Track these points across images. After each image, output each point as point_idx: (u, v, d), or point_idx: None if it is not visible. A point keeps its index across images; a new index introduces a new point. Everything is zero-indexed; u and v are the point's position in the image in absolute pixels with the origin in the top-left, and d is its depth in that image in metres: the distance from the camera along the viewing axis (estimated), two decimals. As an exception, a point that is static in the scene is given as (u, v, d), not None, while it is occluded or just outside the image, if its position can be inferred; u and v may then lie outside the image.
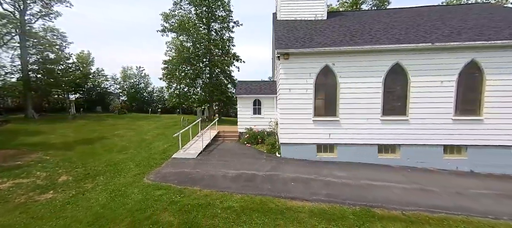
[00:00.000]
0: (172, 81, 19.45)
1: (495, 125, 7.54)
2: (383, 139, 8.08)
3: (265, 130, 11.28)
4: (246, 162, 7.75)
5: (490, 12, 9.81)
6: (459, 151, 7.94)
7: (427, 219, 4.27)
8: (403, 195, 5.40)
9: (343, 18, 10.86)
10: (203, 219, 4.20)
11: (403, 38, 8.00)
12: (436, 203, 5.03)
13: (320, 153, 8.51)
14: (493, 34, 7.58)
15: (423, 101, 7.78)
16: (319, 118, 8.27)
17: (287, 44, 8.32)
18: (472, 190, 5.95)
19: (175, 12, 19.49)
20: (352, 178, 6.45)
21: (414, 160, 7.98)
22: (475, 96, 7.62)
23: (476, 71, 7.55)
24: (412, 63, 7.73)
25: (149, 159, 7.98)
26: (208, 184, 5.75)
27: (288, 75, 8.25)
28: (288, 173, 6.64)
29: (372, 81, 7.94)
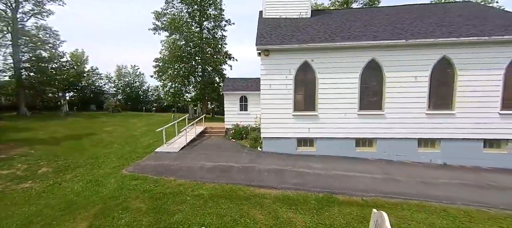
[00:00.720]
0: (163, 79, 19.56)
1: (466, 119, 7.82)
2: (360, 133, 8.34)
3: (250, 125, 11.50)
4: (227, 155, 7.95)
5: (469, 10, 10.10)
6: (433, 144, 8.22)
7: (383, 204, 4.51)
8: (369, 184, 5.65)
9: (326, 16, 11.10)
10: (172, 205, 4.40)
11: (379, 35, 8.25)
12: (398, 190, 5.28)
13: (301, 147, 8.75)
14: (464, 31, 7.86)
15: (398, 96, 8.03)
16: (299, 113, 8.50)
17: (267, 40, 8.53)
18: (439, 179, 6.21)
19: (167, 10, 19.66)
20: (325, 169, 6.69)
21: (391, 153, 8.25)
22: (448, 91, 7.90)
23: (448, 67, 7.83)
24: (387, 59, 7.99)
25: (132, 153, 8.15)
26: (184, 175, 5.94)
27: (269, 71, 8.46)
28: (264, 165, 6.87)
29: (349, 77, 8.18)
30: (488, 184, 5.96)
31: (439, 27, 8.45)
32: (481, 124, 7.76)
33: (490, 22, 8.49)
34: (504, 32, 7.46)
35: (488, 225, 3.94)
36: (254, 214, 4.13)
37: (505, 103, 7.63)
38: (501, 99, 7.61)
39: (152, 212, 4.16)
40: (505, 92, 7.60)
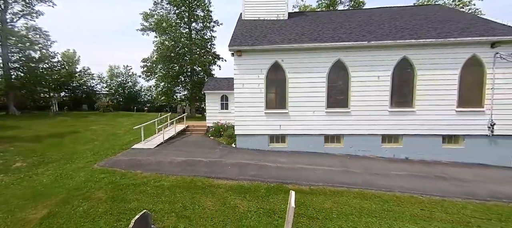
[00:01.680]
0: (150, 79, 19.82)
1: (425, 116, 8.30)
2: (328, 129, 8.77)
3: (230, 123, 11.87)
4: (200, 151, 8.31)
5: (436, 13, 10.61)
6: (396, 140, 8.69)
7: (326, 191, 4.93)
8: (324, 175, 6.06)
9: (302, 18, 11.53)
10: (130, 195, 4.75)
11: (345, 37, 8.70)
12: (347, 181, 5.70)
13: (273, 144, 9.14)
14: (424, 33, 8.34)
15: (363, 95, 8.48)
16: (271, 111, 8.90)
17: (240, 42, 8.91)
18: (392, 171, 6.66)
19: (155, 11, 19.93)
20: (288, 163, 7.09)
21: (356, 149, 8.70)
22: (408, 89, 8.37)
23: (408, 67, 8.30)
24: (352, 60, 8.43)
25: (109, 149, 8.46)
26: (152, 169, 6.29)
27: (241, 71, 8.84)
28: (231, 159, 7.25)
29: (317, 76, 8.61)
30: (435, 176, 6.42)
31: (403, 30, 8.93)
32: (440, 120, 8.24)
33: (451, 25, 9.02)
34: (458, 34, 7.96)
35: (411, 207, 4.38)
36: (204, 201, 4.51)
37: (461, 101, 8.14)
38: (457, 97, 8.12)
39: (111, 201, 4.51)
40: (460, 91, 8.11)
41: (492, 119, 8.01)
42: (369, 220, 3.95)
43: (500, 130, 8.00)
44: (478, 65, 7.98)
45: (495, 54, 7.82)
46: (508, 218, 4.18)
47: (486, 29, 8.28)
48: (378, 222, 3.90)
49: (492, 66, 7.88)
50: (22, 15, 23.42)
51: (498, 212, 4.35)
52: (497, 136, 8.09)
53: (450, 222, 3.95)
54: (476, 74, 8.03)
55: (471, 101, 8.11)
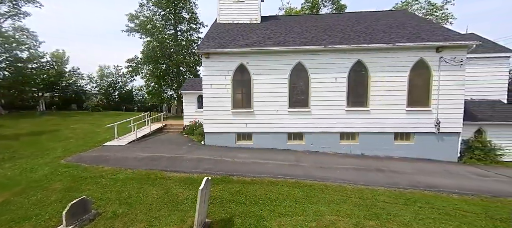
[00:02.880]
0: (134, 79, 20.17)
1: (379, 115, 8.93)
2: (291, 128, 9.34)
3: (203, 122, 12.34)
4: (168, 148, 8.80)
5: (397, 19, 11.26)
6: (353, 137, 9.30)
7: (265, 181, 5.49)
8: (272, 168, 6.60)
9: (274, 22, 12.10)
10: (84, 186, 5.21)
11: (306, 41, 9.28)
12: (290, 172, 6.26)
13: (240, 141, 9.67)
14: (377, 38, 8.98)
15: (322, 95, 9.07)
16: (237, 110, 9.42)
17: (208, 45, 9.42)
18: (339, 165, 7.26)
19: (141, 13, 20.27)
20: (247, 158, 7.63)
21: (317, 146, 9.29)
22: (363, 90, 8.99)
23: (362, 70, 8.92)
24: (311, 62, 9.02)
25: (82, 146, 8.87)
26: (115, 163, 6.75)
27: (209, 73, 9.35)
28: (194, 155, 7.75)
29: (280, 78, 9.17)
30: (376, 169, 7.04)
31: (360, 35, 9.54)
32: (391, 119, 8.88)
33: (405, 30, 9.67)
34: (407, 40, 8.62)
35: (333, 194, 4.96)
36: (151, 190, 5.00)
37: (410, 101, 8.78)
38: (407, 98, 8.77)
39: (64, 191, 4.97)
40: (410, 92, 8.76)
41: (438, 118, 8.70)
42: (289, 203, 4.50)
43: (445, 128, 8.69)
44: (425, 68, 8.65)
45: (440, 58, 8.51)
46: (412, 202, 4.79)
47: (433, 34, 8.96)
48: (296, 205, 4.45)
49: (437, 69, 8.56)
50: (9, 16, 23.60)
51: (407, 198, 4.96)
52: (443, 133, 8.77)
53: (358, 205, 4.54)
54: (423, 76, 8.70)
55: (419, 101, 8.78)
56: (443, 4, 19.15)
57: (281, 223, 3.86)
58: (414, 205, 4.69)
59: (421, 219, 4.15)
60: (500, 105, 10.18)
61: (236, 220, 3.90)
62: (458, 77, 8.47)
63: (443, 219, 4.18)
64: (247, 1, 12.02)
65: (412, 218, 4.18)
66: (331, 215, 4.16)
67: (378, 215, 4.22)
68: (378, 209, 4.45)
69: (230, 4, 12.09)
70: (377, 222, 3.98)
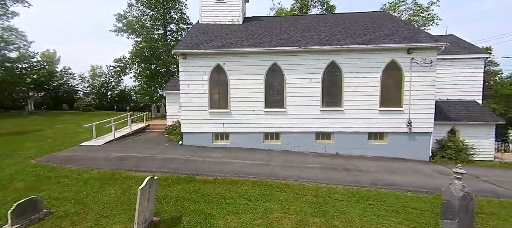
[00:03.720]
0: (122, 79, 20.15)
1: (353, 115, 9.08)
2: (267, 127, 9.44)
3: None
4: (144, 148, 8.85)
5: (375, 20, 11.40)
6: (328, 136, 9.44)
7: (226, 180, 5.59)
8: (240, 168, 6.70)
9: (255, 23, 12.19)
10: (46, 185, 5.26)
11: (281, 42, 9.40)
12: (256, 172, 6.36)
13: (217, 141, 9.76)
14: (350, 39, 9.12)
15: (297, 95, 9.19)
16: (214, 110, 9.51)
17: (185, 45, 9.50)
18: (308, 164, 7.39)
19: (129, 13, 20.26)
20: (219, 158, 7.71)
21: (293, 145, 9.41)
22: (337, 91, 9.13)
23: (336, 70, 9.06)
24: (286, 63, 9.13)
25: (57, 146, 8.88)
26: (84, 163, 6.79)
27: (186, 73, 9.42)
28: (166, 155, 7.82)
29: (256, 78, 9.27)
30: (344, 168, 7.16)
31: (336, 36, 9.68)
32: (365, 119, 9.04)
33: (380, 31, 9.82)
34: (379, 41, 8.77)
35: (290, 192, 5.07)
36: (110, 190, 5.07)
37: (383, 101, 8.94)
38: (380, 98, 8.93)
39: (25, 190, 5.01)
40: (382, 92, 8.92)
41: (410, 118, 8.86)
42: (243, 202, 4.61)
43: (417, 128, 8.86)
44: (397, 69, 8.81)
45: (411, 59, 8.67)
46: (365, 199, 4.91)
47: (406, 36, 9.12)
48: (249, 203, 4.56)
49: (409, 70, 8.72)
50: (-4, 16, 23.42)
51: (362, 195, 5.09)
52: (415, 133, 8.95)
53: (310, 202, 4.66)
54: (395, 77, 8.86)
55: (392, 102, 8.93)
56: (429, 6, 19.48)
57: (228, 221, 3.96)
58: (365, 202, 4.83)
59: (367, 215, 4.28)
60: (474, 105, 10.39)
61: (184, 218, 3.99)
62: (429, 78, 8.65)
63: (388, 215, 4.32)
64: (229, 2, 12.11)
65: (359, 214, 4.31)
66: (279, 212, 4.27)
67: (326, 212, 4.34)
68: (328, 207, 4.57)
69: (211, 5, 12.15)
70: (322, 219, 4.10)
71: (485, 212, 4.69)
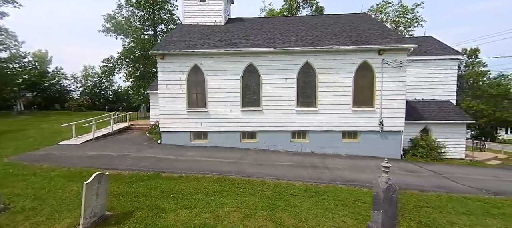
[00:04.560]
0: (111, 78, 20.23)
1: (327, 114, 9.30)
2: (244, 127, 9.63)
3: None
4: (121, 147, 8.97)
5: (353, 22, 11.64)
6: (304, 135, 9.65)
7: (190, 178, 5.74)
8: (208, 166, 6.86)
9: (237, 24, 12.38)
10: (12, 182, 5.36)
11: (257, 43, 9.59)
12: (223, 169, 6.53)
13: (195, 140, 9.92)
14: (324, 41, 9.34)
15: (273, 95, 9.40)
16: (192, 110, 9.67)
17: (163, 46, 9.65)
18: (278, 162, 7.58)
19: (119, 14, 20.37)
20: (192, 156, 7.85)
21: (269, 144, 9.60)
22: (311, 91, 9.35)
23: (310, 71, 9.28)
24: (262, 64, 9.33)
25: (35, 145, 8.97)
26: (56, 162, 6.90)
27: (165, 73, 9.58)
28: (141, 154, 7.95)
29: (232, 78, 9.46)
30: (313, 166, 7.37)
31: (313, 37, 9.91)
32: (339, 118, 9.26)
33: (356, 33, 10.05)
34: (351, 43, 9.00)
35: (249, 188, 5.26)
36: (72, 187, 5.19)
37: (356, 101, 9.18)
38: (352, 98, 9.17)
39: (-11, 187, 5.14)
40: (355, 92, 9.16)
41: (381, 117, 9.10)
42: (199, 197, 4.78)
43: (388, 127, 9.10)
44: (369, 70, 9.05)
45: (382, 60, 8.91)
46: (320, 194, 5.10)
47: (378, 38, 9.36)
48: (205, 198, 4.72)
49: (380, 71, 8.97)
50: (-15, 17, 23.37)
51: (318, 191, 5.29)
52: (387, 132, 9.19)
53: (266, 197, 4.83)
54: (367, 78, 9.10)
55: (364, 101, 9.18)
56: (414, 8, 19.86)
57: (178, 215, 4.12)
58: (319, 197, 5.02)
59: (315, 209, 4.47)
60: (448, 105, 10.68)
61: (137, 213, 4.14)
62: (399, 78, 8.90)
63: (335, 209, 4.51)
64: (211, 4, 12.29)
65: (308, 208, 4.49)
66: (231, 206, 4.44)
67: (276, 206, 4.52)
68: (281, 201, 4.76)
69: (194, 6, 12.32)
70: (270, 212, 4.27)
71: (431, 205, 4.93)
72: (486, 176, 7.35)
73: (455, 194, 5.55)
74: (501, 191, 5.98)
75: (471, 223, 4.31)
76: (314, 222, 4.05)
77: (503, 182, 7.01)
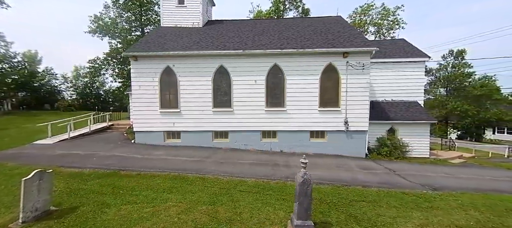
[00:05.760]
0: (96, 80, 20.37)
1: (295, 115, 9.62)
2: (216, 126, 9.91)
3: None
4: (94, 146, 9.17)
5: (326, 24, 11.98)
6: (274, 135, 9.95)
7: (147, 175, 6.00)
8: (171, 164, 7.11)
9: (216, 27, 12.65)
10: (-28, 179, 5.61)
11: (228, 45, 9.88)
12: (184, 167, 6.80)
13: (169, 139, 10.17)
14: (292, 44, 9.66)
15: (243, 96, 9.69)
16: (165, 110, 9.92)
17: (136, 48, 9.90)
18: (242, 161, 7.86)
19: (105, 15, 20.51)
20: (160, 155, 8.11)
21: (240, 143, 9.89)
22: (280, 92, 9.66)
23: (279, 73, 9.59)
24: (232, 66, 9.62)
25: (10, 144, 9.15)
26: (24, 161, 7.09)
27: (138, 74, 9.81)
28: (110, 153, 8.17)
29: (204, 79, 9.73)
30: (274, 164, 7.66)
31: (285, 39, 10.23)
32: (306, 118, 9.59)
33: (326, 36, 10.39)
34: (316, 46, 9.33)
35: (199, 184, 5.54)
36: (30, 183, 5.44)
37: (322, 102, 9.52)
38: (319, 99, 9.50)
39: None
40: (321, 93, 9.49)
41: (347, 117, 9.44)
42: (147, 193, 5.04)
43: (353, 127, 9.45)
44: (334, 72, 9.39)
45: (346, 63, 9.25)
46: (265, 190, 5.40)
47: (344, 41, 9.70)
48: (152, 195, 4.98)
49: (345, 73, 9.31)
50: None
51: (265, 187, 5.57)
52: (352, 132, 9.53)
53: (212, 193, 5.11)
54: (333, 79, 9.44)
55: (330, 102, 9.51)
56: (395, 10, 20.33)
57: (120, 210, 4.38)
58: (264, 193, 5.31)
59: (254, 203, 4.75)
60: (415, 105, 11.06)
61: (82, 208, 4.38)
62: (363, 80, 9.25)
63: (274, 203, 4.78)
64: (189, 7, 12.55)
65: (248, 203, 4.77)
66: (174, 202, 4.71)
67: (218, 201, 4.80)
68: (225, 197, 5.03)
69: (173, 9, 12.57)
70: (210, 207, 4.55)
71: (367, 200, 5.24)
72: (437, 173, 7.71)
73: (395, 189, 5.89)
74: (443, 187, 6.34)
75: (397, 215, 4.64)
76: (248, 215, 4.33)
77: (450, 179, 7.36)
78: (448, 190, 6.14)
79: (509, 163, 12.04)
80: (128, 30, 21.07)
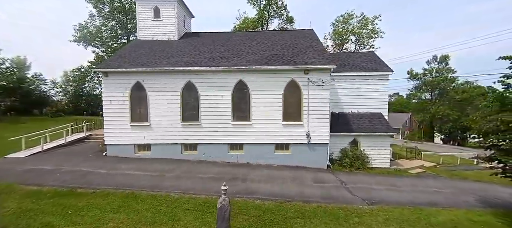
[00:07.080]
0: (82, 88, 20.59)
1: (260, 128, 10.02)
2: (185, 139, 10.27)
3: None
4: (63, 160, 9.43)
5: (296, 38, 12.43)
6: (241, 147, 10.33)
7: (103, 194, 6.32)
8: (133, 180, 7.47)
9: (190, 40, 13.02)
10: None
11: (196, 61, 10.26)
12: (139, 184, 7.14)
13: (140, 151, 10.48)
14: (258, 61, 10.06)
15: (210, 110, 10.06)
16: (136, 124, 10.24)
17: (107, 64, 10.23)
18: (202, 174, 8.23)
19: (91, 23, 20.74)
20: (124, 170, 8.41)
21: (209, 155, 10.25)
22: (246, 106, 10.06)
23: (244, 88, 9.99)
24: (200, 81, 10.00)
25: (-20, 159, 9.42)
26: (-11, 177, 7.40)
27: (109, 89, 10.13)
28: (76, 168, 8.43)
29: (173, 94, 10.09)
30: (233, 177, 8.02)
31: (252, 55, 10.63)
32: (271, 131, 9.99)
33: (292, 52, 10.82)
34: (279, 63, 9.75)
35: (148, 202, 5.90)
36: (-14, 203, 5.73)
37: (286, 116, 9.93)
38: (282, 113, 9.91)
39: None
40: (285, 108, 9.90)
41: (309, 131, 9.86)
42: (94, 213, 5.37)
43: (314, 139, 9.87)
44: (296, 87, 9.82)
45: (308, 79, 9.69)
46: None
47: (306, 58, 10.12)
48: (97, 214, 5.33)
49: (306, 89, 9.74)
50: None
51: (211, 203, 5.92)
52: (314, 144, 9.95)
53: (156, 212, 5.47)
54: (295, 94, 9.87)
55: (293, 116, 9.93)
56: (373, 20, 20.94)
57: (62, 230, 4.73)
58: (207, 211, 5.65)
59: (193, 221, 5.15)
60: (378, 117, 11.53)
61: (26, 228, 4.73)
62: (323, 95, 9.69)
63: (211, 221, 5.16)
64: (165, 20, 12.91)
65: (186, 222, 5.15)
66: (116, 222, 5.05)
67: (158, 220, 5.16)
68: (167, 216, 5.38)
69: (149, 22, 12.92)
70: (148, 226, 4.92)
71: (302, 216, 5.64)
72: (385, 186, 8.14)
73: (335, 204, 6.30)
74: (382, 201, 6.78)
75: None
76: None
77: (393, 192, 7.77)
78: (385, 203, 6.58)
79: (470, 172, 12.57)
80: (114, 37, 21.33)
